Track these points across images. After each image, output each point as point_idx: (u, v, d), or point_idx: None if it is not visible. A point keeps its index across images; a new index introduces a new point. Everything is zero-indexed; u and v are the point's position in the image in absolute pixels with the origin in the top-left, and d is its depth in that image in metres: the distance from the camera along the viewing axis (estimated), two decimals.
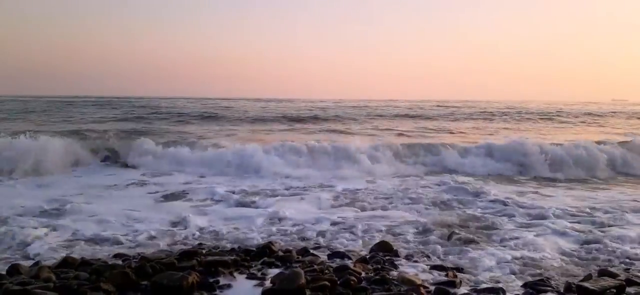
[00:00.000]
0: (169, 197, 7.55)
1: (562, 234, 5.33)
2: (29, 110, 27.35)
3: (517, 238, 5.13)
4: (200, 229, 5.49)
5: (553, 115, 29.45)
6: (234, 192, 7.62)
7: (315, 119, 24.22)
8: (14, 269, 3.85)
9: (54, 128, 16.49)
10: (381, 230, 5.47)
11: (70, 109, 30.65)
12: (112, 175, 9.57)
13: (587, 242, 5.00)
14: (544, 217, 6.05)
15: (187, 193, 7.78)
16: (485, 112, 32.42)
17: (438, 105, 43.44)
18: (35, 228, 5.29)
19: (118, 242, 4.96)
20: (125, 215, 6.04)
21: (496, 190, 7.92)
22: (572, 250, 4.76)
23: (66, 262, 4.08)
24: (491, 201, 7.08)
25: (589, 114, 31.81)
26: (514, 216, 6.15)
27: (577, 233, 5.34)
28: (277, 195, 7.53)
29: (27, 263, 4.18)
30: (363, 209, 6.63)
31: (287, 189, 8.10)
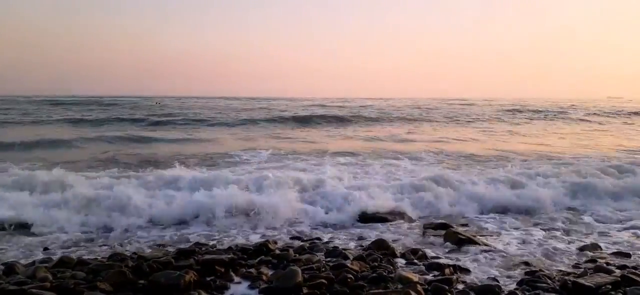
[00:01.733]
0: None
1: (555, 231, 5.36)
2: None
3: (513, 236, 5.16)
4: None
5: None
6: None
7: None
8: (10, 269, 3.85)
9: None
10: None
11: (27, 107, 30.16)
12: None
13: (580, 241, 5.04)
14: (535, 216, 6.08)
15: None
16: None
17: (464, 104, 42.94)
18: None
19: None
20: None
21: None
22: (566, 249, 4.79)
23: (63, 262, 4.08)
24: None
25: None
26: (507, 215, 6.17)
27: (569, 231, 5.38)
28: None
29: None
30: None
31: None
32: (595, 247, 4.78)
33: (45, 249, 4.67)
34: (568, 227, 5.60)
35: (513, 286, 3.72)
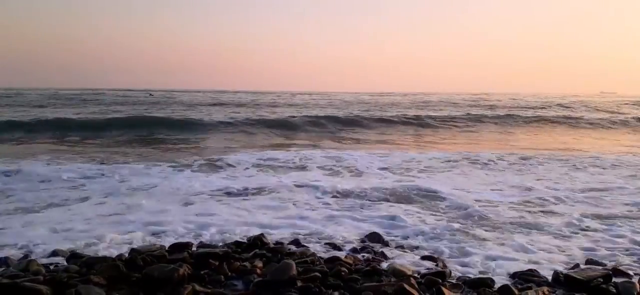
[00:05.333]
0: None
1: (550, 223, 5.40)
2: None
3: (505, 229, 5.19)
4: None
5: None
6: None
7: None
8: (3, 263, 3.83)
9: None
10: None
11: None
12: None
13: (574, 231, 5.08)
14: (528, 208, 6.12)
15: None
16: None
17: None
18: None
19: None
20: None
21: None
22: (561, 240, 4.82)
23: (56, 255, 4.07)
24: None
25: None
26: (498, 206, 6.20)
27: (562, 223, 5.41)
28: None
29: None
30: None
31: None
32: None
33: None
34: None
35: (506, 279, 3.75)
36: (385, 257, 4.21)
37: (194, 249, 4.24)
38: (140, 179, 7.75)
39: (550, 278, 3.70)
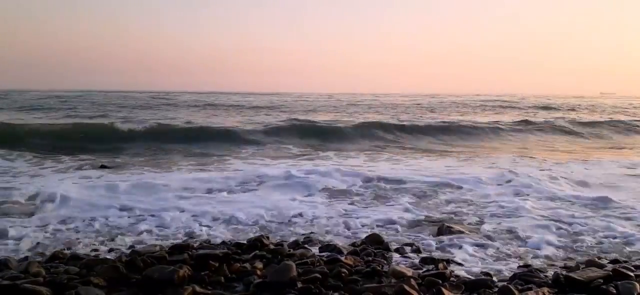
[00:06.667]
0: None
1: (548, 224, 5.40)
2: None
3: (506, 229, 5.19)
4: None
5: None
6: None
7: None
8: (3, 264, 3.83)
9: None
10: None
11: None
12: None
13: (576, 233, 5.08)
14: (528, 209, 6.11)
15: None
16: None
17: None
18: None
19: None
20: None
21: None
22: (560, 241, 4.82)
23: (56, 257, 4.07)
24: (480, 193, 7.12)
25: None
26: (502, 207, 6.20)
27: (564, 223, 5.41)
28: None
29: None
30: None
31: None
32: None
33: None
34: None
35: (506, 280, 3.75)
36: (386, 259, 4.21)
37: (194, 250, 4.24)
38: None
39: (550, 279, 3.70)
